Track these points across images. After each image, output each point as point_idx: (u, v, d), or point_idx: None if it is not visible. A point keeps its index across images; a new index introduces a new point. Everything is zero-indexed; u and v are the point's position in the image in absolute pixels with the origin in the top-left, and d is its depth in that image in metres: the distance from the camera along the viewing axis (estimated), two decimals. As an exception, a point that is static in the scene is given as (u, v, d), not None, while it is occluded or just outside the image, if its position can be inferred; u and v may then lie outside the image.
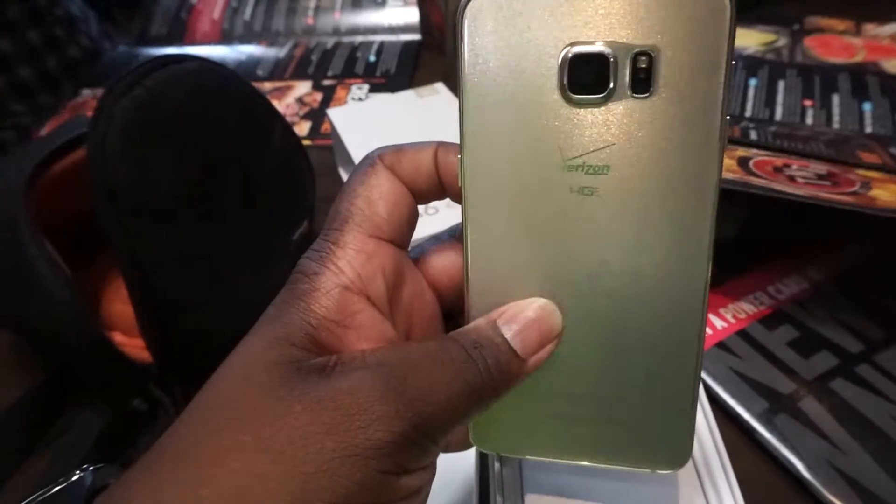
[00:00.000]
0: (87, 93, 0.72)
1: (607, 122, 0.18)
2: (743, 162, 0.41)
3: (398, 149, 0.21)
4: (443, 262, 0.23)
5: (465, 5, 0.18)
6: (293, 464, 0.16)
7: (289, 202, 0.39)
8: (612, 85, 0.18)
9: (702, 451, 0.29)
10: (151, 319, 0.34)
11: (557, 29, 0.18)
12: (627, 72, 0.17)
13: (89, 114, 0.32)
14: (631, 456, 0.20)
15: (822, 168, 0.41)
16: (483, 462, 0.31)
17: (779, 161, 0.42)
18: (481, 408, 0.19)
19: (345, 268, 0.19)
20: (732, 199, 0.38)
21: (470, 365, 0.18)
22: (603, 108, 0.18)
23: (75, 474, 0.20)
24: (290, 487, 0.16)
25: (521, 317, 0.20)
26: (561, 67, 0.18)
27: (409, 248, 0.22)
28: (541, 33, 0.18)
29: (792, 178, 0.39)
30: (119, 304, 0.41)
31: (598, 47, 0.17)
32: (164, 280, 0.33)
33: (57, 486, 0.19)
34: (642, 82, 0.17)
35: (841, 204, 0.34)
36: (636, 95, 0.18)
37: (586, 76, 0.18)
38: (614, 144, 0.18)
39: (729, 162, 0.41)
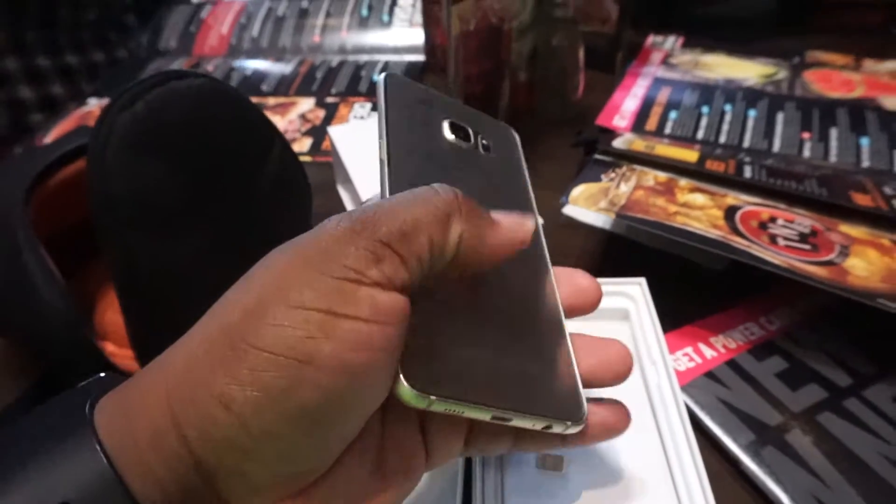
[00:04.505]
0: (93, 102, 0.73)
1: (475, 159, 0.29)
2: (730, 214, 0.42)
3: None
4: None
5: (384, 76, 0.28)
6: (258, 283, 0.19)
7: (285, 219, 0.40)
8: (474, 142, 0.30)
9: (684, 480, 0.30)
10: (142, 331, 0.34)
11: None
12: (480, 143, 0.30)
13: (93, 124, 0.32)
14: (540, 407, 0.23)
15: (806, 223, 0.42)
16: (468, 469, 0.32)
17: (765, 213, 0.42)
18: (444, 228, 0.21)
19: None
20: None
21: (436, 193, 0.21)
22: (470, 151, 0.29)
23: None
24: (250, 296, 0.19)
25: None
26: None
27: None
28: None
29: (774, 240, 0.40)
30: (111, 314, 0.41)
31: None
32: (157, 292, 0.33)
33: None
34: (486, 147, 0.30)
35: (814, 279, 0.36)
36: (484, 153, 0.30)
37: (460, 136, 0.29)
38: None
39: (716, 213, 0.42)
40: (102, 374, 0.22)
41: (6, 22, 0.74)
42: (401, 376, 0.20)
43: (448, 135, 0.28)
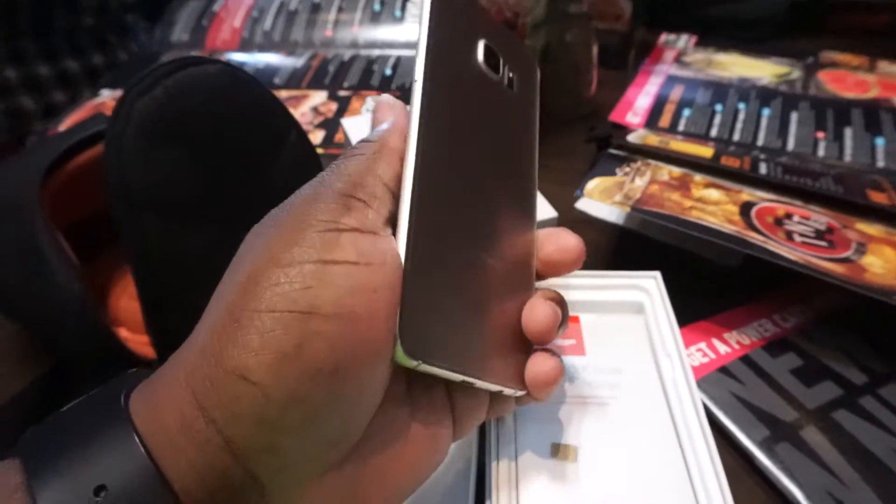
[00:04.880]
0: (106, 93, 0.73)
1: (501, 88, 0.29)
2: (745, 210, 0.42)
3: None
4: None
5: None
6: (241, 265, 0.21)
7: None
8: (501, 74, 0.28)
9: (700, 472, 0.29)
10: (158, 317, 0.34)
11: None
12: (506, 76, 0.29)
13: (108, 114, 0.32)
14: (499, 377, 0.25)
15: (822, 220, 0.41)
16: (481, 458, 0.32)
17: (781, 210, 0.42)
18: (385, 163, 0.23)
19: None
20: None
21: (369, 141, 0.23)
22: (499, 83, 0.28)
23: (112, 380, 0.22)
24: (242, 273, 0.20)
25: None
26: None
27: None
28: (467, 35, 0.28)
29: (790, 236, 0.39)
30: (125, 300, 0.41)
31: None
32: (172, 278, 0.33)
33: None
34: (510, 82, 0.29)
35: (831, 275, 0.36)
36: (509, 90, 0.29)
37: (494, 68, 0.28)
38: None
39: (731, 209, 0.42)
40: (133, 370, 0.22)
41: (1, 33, 0.73)
42: (397, 337, 0.20)
43: (480, 59, 0.27)
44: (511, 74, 0.29)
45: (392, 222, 0.22)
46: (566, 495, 0.29)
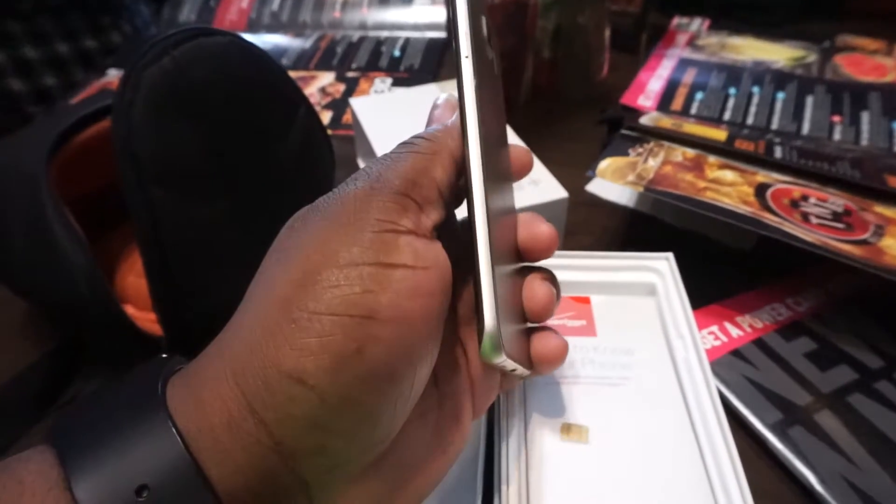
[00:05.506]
0: (113, 73, 0.73)
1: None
2: (761, 191, 0.41)
3: None
4: None
5: None
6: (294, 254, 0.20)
7: (307, 184, 0.39)
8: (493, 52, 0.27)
9: (715, 461, 0.29)
10: (165, 290, 0.34)
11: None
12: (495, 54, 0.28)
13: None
14: (522, 359, 0.25)
15: (839, 202, 0.41)
16: (489, 441, 0.31)
17: (797, 192, 0.41)
18: (441, 167, 0.22)
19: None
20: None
21: (424, 140, 0.23)
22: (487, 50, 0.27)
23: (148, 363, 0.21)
24: (295, 269, 0.19)
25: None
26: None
27: None
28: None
29: (806, 218, 0.39)
30: (132, 278, 0.41)
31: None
32: (179, 251, 0.33)
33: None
34: (492, 61, 0.27)
35: (849, 257, 0.35)
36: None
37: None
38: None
39: (746, 190, 0.41)
40: (164, 356, 0.22)
41: None
42: (501, 337, 0.21)
43: (485, 36, 0.26)
44: (494, 54, 0.28)
45: (437, 226, 0.22)
46: (577, 475, 0.29)
